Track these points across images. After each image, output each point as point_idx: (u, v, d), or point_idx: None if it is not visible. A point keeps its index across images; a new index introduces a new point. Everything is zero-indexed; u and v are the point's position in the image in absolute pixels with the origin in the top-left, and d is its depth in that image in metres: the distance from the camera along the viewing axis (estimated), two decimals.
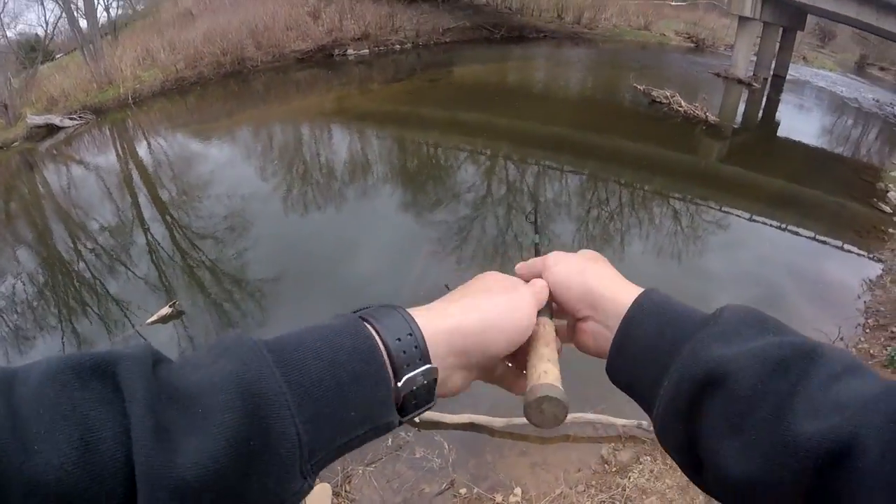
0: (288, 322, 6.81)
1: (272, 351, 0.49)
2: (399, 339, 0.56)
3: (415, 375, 0.56)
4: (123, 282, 7.98)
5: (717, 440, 0.52)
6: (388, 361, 0.54)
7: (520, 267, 0.86)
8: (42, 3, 21.23)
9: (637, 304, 0.65)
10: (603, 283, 0.71)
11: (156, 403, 0.42)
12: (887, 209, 10.07)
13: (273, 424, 0.45)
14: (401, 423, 0.58)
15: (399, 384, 0.55)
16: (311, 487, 0.50)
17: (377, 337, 0.55)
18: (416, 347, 0.57)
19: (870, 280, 7.79)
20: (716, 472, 0.52)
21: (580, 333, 0.74)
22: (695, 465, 0.56)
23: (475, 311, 0.65)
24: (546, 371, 0.66)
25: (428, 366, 0.57)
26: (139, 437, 0.40)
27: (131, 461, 0.39)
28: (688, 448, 0.56)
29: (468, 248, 8.32)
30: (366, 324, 0.56)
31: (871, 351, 6.04)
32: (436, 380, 0.58)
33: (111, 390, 0.42)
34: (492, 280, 0.74)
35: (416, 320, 0.59)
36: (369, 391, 0.52)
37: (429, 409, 0.60)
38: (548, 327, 0.73)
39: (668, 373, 0.57)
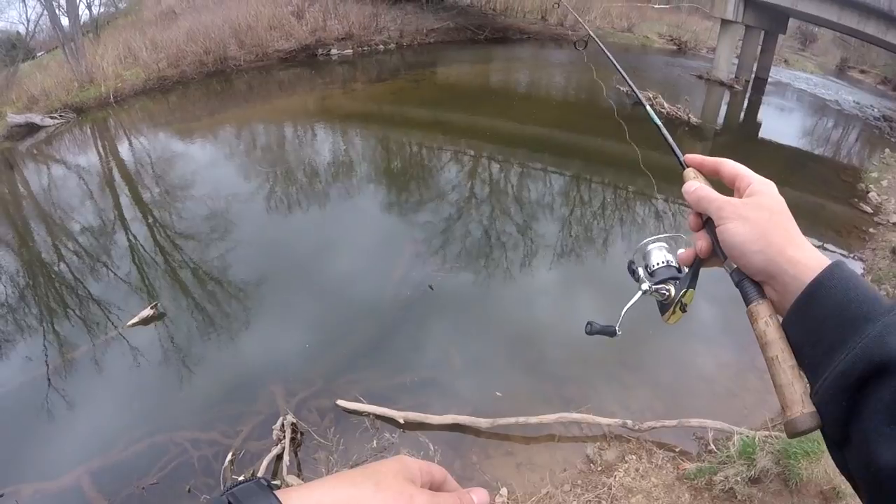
0: (271, 323, 6.78)
1: None
2: None
3: None
4: (105, 283, 7.90)
5: (875, 424, 0.55)
6: None
7: (692, 161, 0.93)
8: (24, 1, 20.94)
9: (829, 270, 0.67)
10: (786, 254, 0.71)
11: None
12: (868, 209, 10.19)
13: None
14: None
15: None
16: None
17: None
18: None
19: None
20: (864, 454, 0.56)
21: None
22: (840, 441, 0.61)
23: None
24: (805, 393, 0.66)
25: None
26: None
27: None
28: (841, 423, 0.60)
29: (452, 248, 8.31)
30: None
31: None
32: None
33: None
34: (392, 467, 0.64)
35: None
36: None
37: None
38: (773, 323, 0.72)
39: (846, 347, 0.59)
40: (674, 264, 0.90)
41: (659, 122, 1.03)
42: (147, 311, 6.80)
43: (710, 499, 4.21)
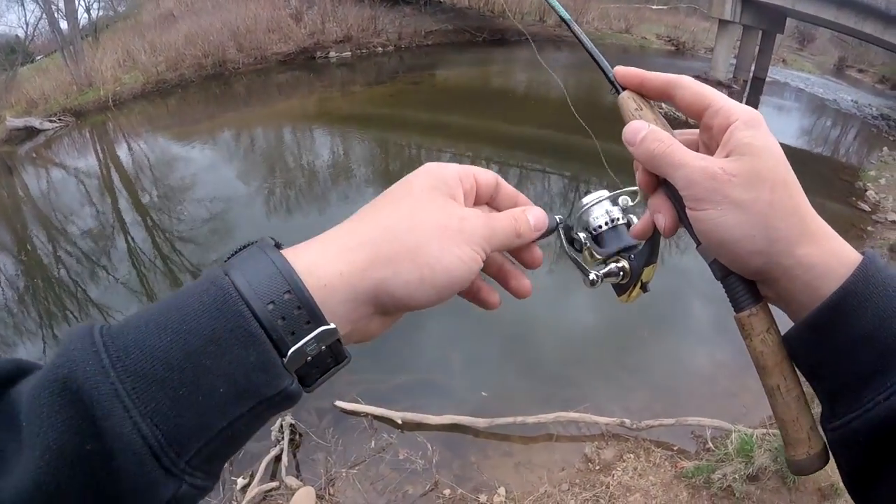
0: None
1: (108, 334, 0.40)
2: (273, 304, 0.42)
3: (304, 345, 0.43)
4: (104, 286, 7.91)
5: None
6: (258, 322, 0.42)
7: (630, 79, 0.64)
8: (22, 4, 20.99)
9: (860, 274, 0.48)
10: (796, 254, 0.50)
11: None
12: (866, 207, 10.20)
13: (104, 424, 0.36)
14: (309, 391, 0.46)
15: (285, 359, 0.42)
16: (195, 488, 0.40)
17: (236, 290, 0.42)
18: (299, 308, 0.43)
19: None
20: None
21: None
22: (864, 482, 0.49)
23: (384, 243, 0.49)
24: (812, 428, 0.53)
25: (322, 328, 0.44)
26: None
27: None
28: (866, 468, 0.48)
29: None
30: (227, 276, 0.44)
31: None
32: (339, 340, 0.46)
33: None
34: (424, 184, 0.55)
35: (297, 264, 0.46)
36: (235, 357, 0.40)
37: (343, 367, 0.48)
38: (772, 341, 0.55)
39: (889, 380, 0.45)
40: (622, 222, 0.70)
41: (567, 17, 0.70)
42: None
43: (708, 497, 4.22)
